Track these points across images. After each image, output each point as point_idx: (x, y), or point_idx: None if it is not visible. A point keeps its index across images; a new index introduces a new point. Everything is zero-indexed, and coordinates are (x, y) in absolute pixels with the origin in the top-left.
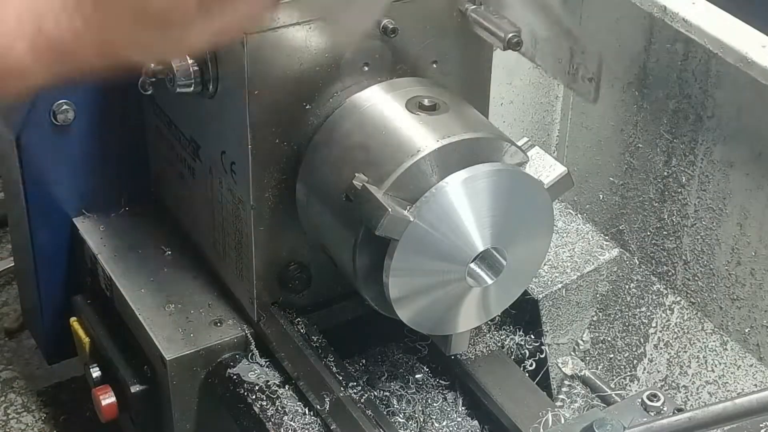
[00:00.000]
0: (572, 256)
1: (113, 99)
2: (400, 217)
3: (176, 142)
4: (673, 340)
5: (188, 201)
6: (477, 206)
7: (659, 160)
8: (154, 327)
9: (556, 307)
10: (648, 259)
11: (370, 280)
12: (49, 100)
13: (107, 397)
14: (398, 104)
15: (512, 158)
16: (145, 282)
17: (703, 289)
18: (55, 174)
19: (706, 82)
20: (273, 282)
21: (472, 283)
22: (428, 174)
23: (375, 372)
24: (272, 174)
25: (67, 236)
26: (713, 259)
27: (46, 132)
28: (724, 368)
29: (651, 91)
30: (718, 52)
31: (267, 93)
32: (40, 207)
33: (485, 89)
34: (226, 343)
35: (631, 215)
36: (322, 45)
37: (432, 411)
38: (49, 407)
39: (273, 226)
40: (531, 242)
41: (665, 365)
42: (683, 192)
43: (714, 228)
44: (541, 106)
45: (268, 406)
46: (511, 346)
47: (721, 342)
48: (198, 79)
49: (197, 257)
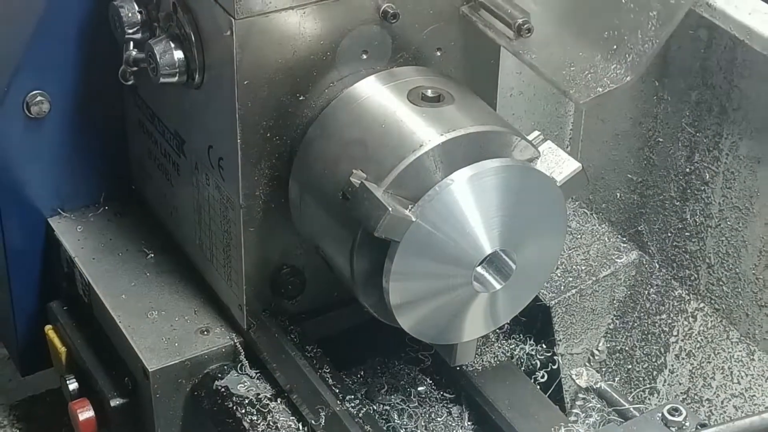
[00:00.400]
0: (587, 259)
1: (91, 89)
2: (402, 217)
3: (159, 136)
4: (696, 349)
5: (172, 199)
6: (484, 205)
7: (681, 155)
8: (136, 336)
9: (570, 314)
10: (669, 262)
11: (369, 284)
12: (22, 90)
13: (85, 411)
14: (399, 95)
15: (522, 153)
16: (126, 287)
17: (729, 295)
18: (28, 170)
19: (732, 71)
20: (264, 287)
21: (478, 288)
22: (432, 170)
23: (374, 384)
24: (263, 171)
25: (41, 238)
26: (739, 262)
27: (18, 125)
28: (751, 380)
29: (672, 81)
30: (745, 39)
31: (257, 83)
32: (12, 206)
33: (493, 79)
34: (213, 353)
35: (650, 215)
36: (317, 31)
37: (436, 426)
38: (23, 422)
39: (264, 226)
40: (542, 244)
41: (687, 377)
42: (707, 190)
43: (740, 229)
44: (553, 97)
45: (258, 421)
46: (521, 357)
47: (747, 352)
48: (183, 68)
49: (182, 260)
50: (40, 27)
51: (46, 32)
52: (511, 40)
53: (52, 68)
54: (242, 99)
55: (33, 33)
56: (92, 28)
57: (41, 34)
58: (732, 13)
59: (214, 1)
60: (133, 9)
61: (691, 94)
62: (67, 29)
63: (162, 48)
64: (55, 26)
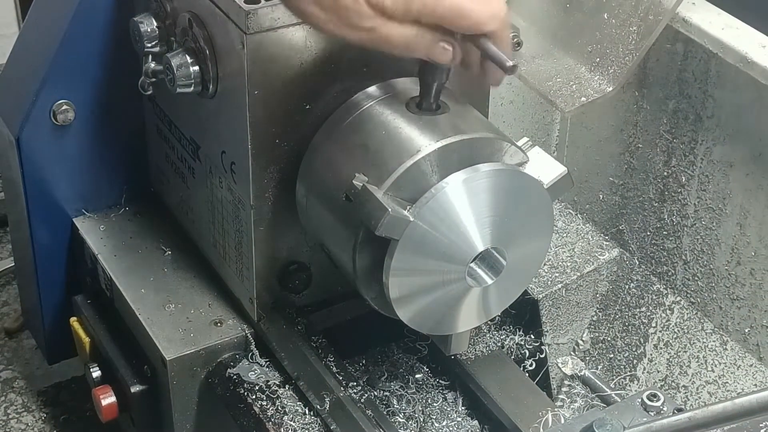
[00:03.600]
0: (572, 256)
1: (113, 99)
2: (400, 217)
3: (176, 142)
4: (673, 340)
5: (188, 201)
6: (477, 206)
7: (659, 160)
8: (154, 327)
9: (556, 307)
10: (648, 259)
11: (370, 279)
12: (49, 99)
13: (107, 397)
14: (398, 104)
15: (512, 158)
16: (145, 282)
17: (703, 289)
18: (55, 174)
19: (706, 82)
20: (273, 282)
21: (472, 283)
22: (428, 174)
23: (375, 372)
24: (272, 174)
25: (67, 236)
26: (713, 259)
27: (46, 132)
28: (724, 368)
29: (651, 91)
30: (718, 52)
31: (267, 93)
32: (40, 207)
33: (485, 89)
34: (226, 343)
35: (631, 215)
36: (322, 45)
37: (432, 411)
38: (50, 407)
39: (273, 225)
40: (531, 242)
41: (665, 365)
42: (683, 192)
43: (714, 228)
44: (541, 106)
45: (268, 406)
46: (511, 346)
47: (720, 342)
48: (198, 79)
49: (197, 257)
50: (65, 42)
51: (71, 47)
52: None
53: (77, 79)
54: (253, 108)
55: (59, 48)
56: (114, 43)
57: (67, 49)
58: (706, 29)
59: (227, 18)
60: (151, 24)
61: (669, 103)
62: (91, 44)
63: (178, 61)
64: (80, 41)
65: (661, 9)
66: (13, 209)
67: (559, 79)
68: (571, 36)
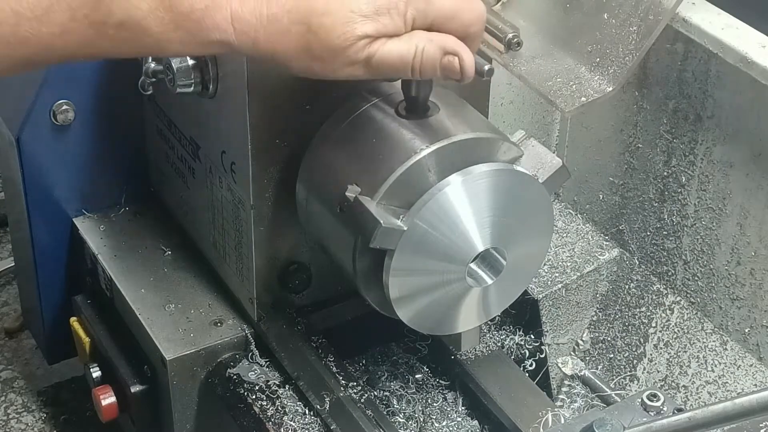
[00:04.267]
0: (572, 256)
1: (113, 99)
2: (393, 228)
3: (176, 142)
4: (673, 340)
5: (188, 201)
6: (476, 206)
7: (659, 160)
8: (154, 327)
9: (556, 307)
10: (648, 259)
11: (371, 280)
12: (49, 100)
13: (107, 397)
14: (389, 108)
15: (506, 154)
16: (145, 282)
17: (703, 289)
18: (55, 174)
19: (706, 82)
20: (273, 282)
21: (472, 283)
22: (423, 178)
23: (375, 372)
24: (272, 174)
25: (67, 236)
26: (713, 259)
27: (46, 132)
28: (724, 368)
29: (651, 91)
30: (718, 52)
31: (267, 93)
32: (40, 207)
33: (485, 90)
34: (226, 343)
35: (630, 215)
36: None
37: (432, 411)
38: (50, 407)
39: (273, 226)
40: (531, 242)
41: (665, 365)
42: (683, 192)
43: (714, 228)
44: (541, 106)
45: (268, 406)
46: (511, 346)
47: (720, 342)
48: (198, 79)
49: (197, 257)
50: None
51: None
52: (501, 53)
53: (77, 80)
54: (252, 108)
55: None
56: None
57: None
58: (706, 29)
59: None
60: None
61: (669, 103)
62: None
63: (178, 60)
64: None
65: (661, 9)
66: (13, 209)
67: (559, 79)
68: (571, 36)
